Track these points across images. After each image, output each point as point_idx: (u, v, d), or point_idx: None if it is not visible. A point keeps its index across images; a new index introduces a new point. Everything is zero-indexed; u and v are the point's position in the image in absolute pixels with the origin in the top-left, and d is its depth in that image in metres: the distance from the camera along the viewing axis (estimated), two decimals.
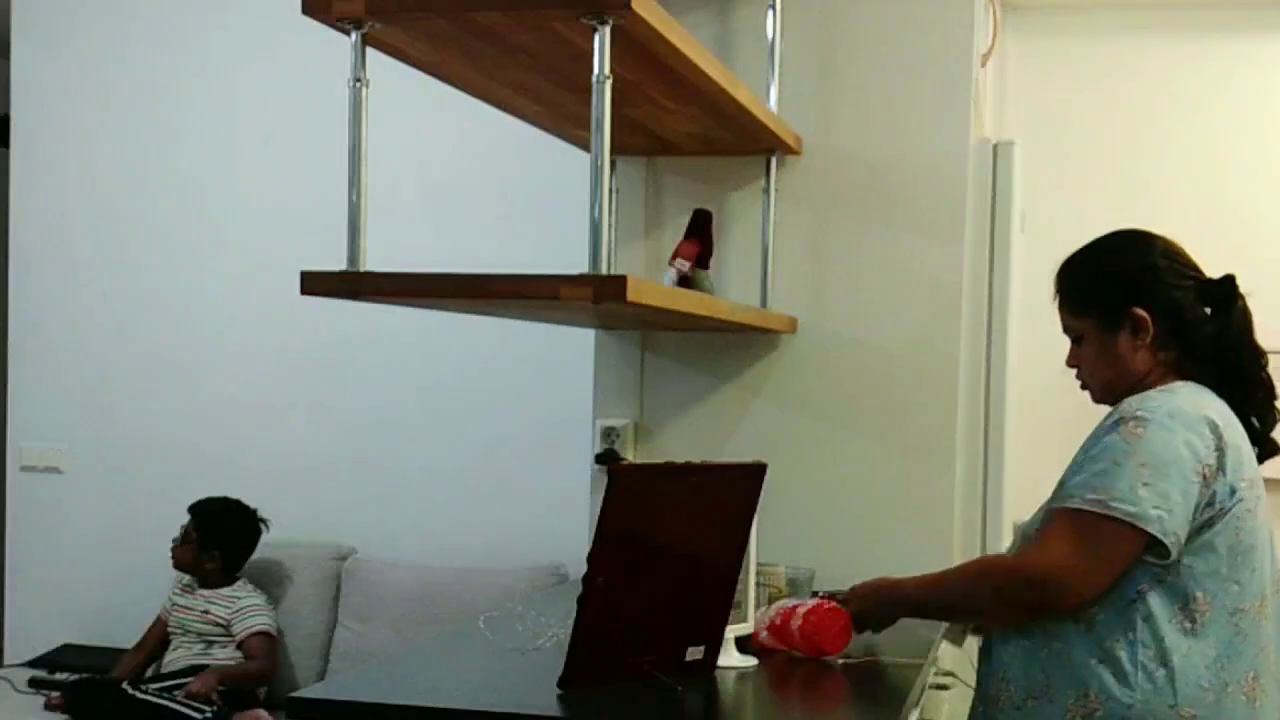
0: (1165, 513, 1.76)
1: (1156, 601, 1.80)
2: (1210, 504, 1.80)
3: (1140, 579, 1.80)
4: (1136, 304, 1.92)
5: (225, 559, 3.82)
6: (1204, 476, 1.79)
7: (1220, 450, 1.81)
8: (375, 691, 1.88)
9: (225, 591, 3.80)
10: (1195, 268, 1.98)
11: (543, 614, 2.38)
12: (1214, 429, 1.82)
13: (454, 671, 2.12)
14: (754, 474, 2.01)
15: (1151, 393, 1.88)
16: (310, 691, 1.97)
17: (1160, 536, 1.75)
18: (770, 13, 2.86)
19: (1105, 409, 1.95)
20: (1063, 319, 2.03)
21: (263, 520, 3.88)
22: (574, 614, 1.84)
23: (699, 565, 1.97)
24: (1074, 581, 1.79)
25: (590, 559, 1.82)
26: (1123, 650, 1.80)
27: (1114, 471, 1.78)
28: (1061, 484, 1.88)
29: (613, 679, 1.89)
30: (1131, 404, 1.86)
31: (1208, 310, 1.95)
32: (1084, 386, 2.04)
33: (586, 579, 1.82)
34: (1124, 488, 1.77)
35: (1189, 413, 1.83)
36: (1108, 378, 1.97)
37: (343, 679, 2.74)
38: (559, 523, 3.54)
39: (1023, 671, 1.87)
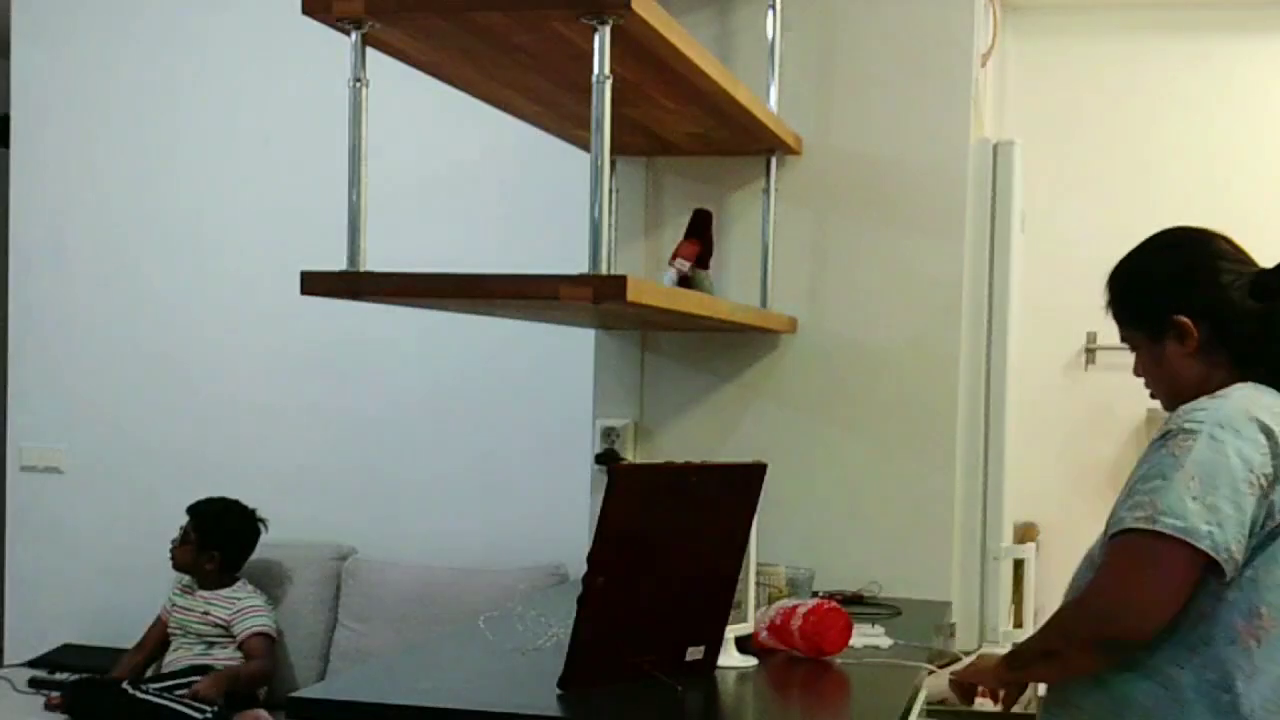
0: (1215, 527, 1.66)
1: (1218, 622, 1.71)
2: (1270, 515, 1.71)
3: (1200, 600, 1.71)
4: (1177, 310, 1.85)
5: (225, 559, 3.82)
6: (1261, 487, 1.70)
7: (1277, 455, 1.72)
8: (375, 691, 1.88)
9: (225, 592, 3.80)
10: (1243, 261, 1.89)
11: (543, 614, 2.38)
12: (1269, 434, 1.72)
13: (454, 671, 2.12)
14: (754, 474, 2.01)
15: (1201, 400, 1.79)
16: (310, 691, 1.97)
17: (1211, 553, 1.65)
18: (770, 13, 2.86)
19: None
20: (1120, 329, 1.95)
21: (261, 520, 3.88)
22: (574, 614, 1.84)
23: (699, 565, 1.97)
24: (1140, 609, 1.69)
25: (590, 559, 1.82)
26: (1185, 677, 1.71)
27: (1162, 487, 1.69)
28: (1115, 509, 1.78)
29: (613, 679, 1.89)
30: (1179, 416, 1.77)
31: (1257, 305, 1.85)
32: (1153, 395, 1.95)
33: (586, 579, 1.82)
34: (1171, 502, 1.68)
35: (1239, 419, 1.73)
36: (1167, 388, 1.89)
37: (343, 679, 2.74)
38: (559, 523, 3.54)
39: (1089, 716, 1.80)
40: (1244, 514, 1.68)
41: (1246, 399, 1.77)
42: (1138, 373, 1.96)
